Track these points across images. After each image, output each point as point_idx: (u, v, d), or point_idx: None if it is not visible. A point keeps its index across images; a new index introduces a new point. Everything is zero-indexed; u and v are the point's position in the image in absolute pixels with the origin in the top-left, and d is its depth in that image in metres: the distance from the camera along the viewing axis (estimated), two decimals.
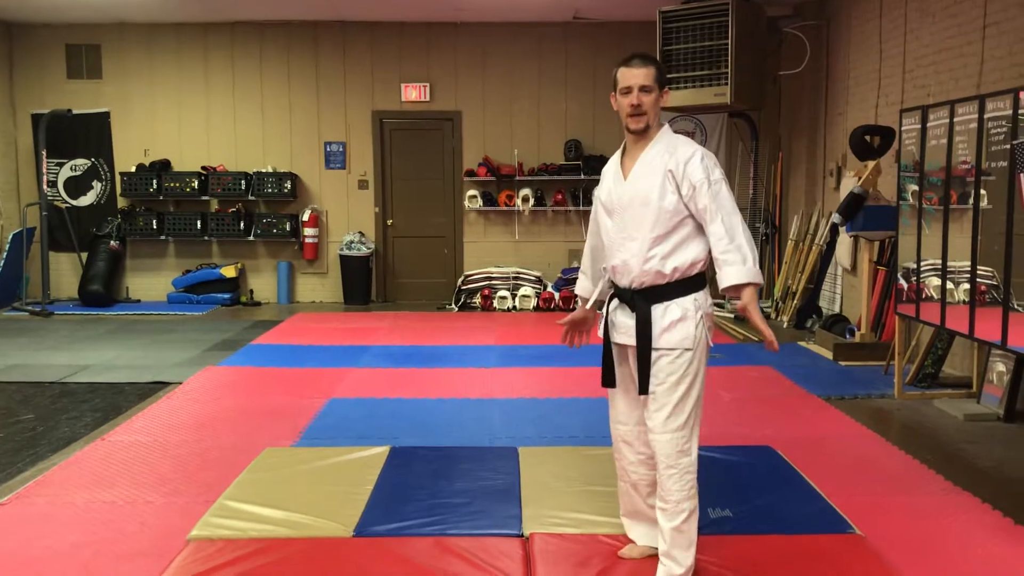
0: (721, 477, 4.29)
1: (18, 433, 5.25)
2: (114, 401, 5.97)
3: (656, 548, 3.26)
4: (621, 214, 3.18)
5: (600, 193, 3.34)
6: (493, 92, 10.67)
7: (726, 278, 3.01)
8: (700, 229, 3.11)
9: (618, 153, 3.30)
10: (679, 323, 3.08)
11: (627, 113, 3.16)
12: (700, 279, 3.15)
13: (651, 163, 3.13)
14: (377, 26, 10.54)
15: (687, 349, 3.08)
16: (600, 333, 3.32)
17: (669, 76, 8.71)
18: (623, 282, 3.19)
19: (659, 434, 3.11)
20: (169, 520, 3.81)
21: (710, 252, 3.08)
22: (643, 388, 3.13)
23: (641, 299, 3.13)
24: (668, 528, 3.13)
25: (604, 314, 3.29)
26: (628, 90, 3.14)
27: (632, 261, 3.13)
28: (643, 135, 3.18)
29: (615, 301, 3.24)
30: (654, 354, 3.10)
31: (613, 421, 3.38)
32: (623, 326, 3.20)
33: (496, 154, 10.65)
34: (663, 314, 3.10)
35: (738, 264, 2.99)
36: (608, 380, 3.31)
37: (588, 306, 3.48)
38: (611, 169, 3.30)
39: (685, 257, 3.10)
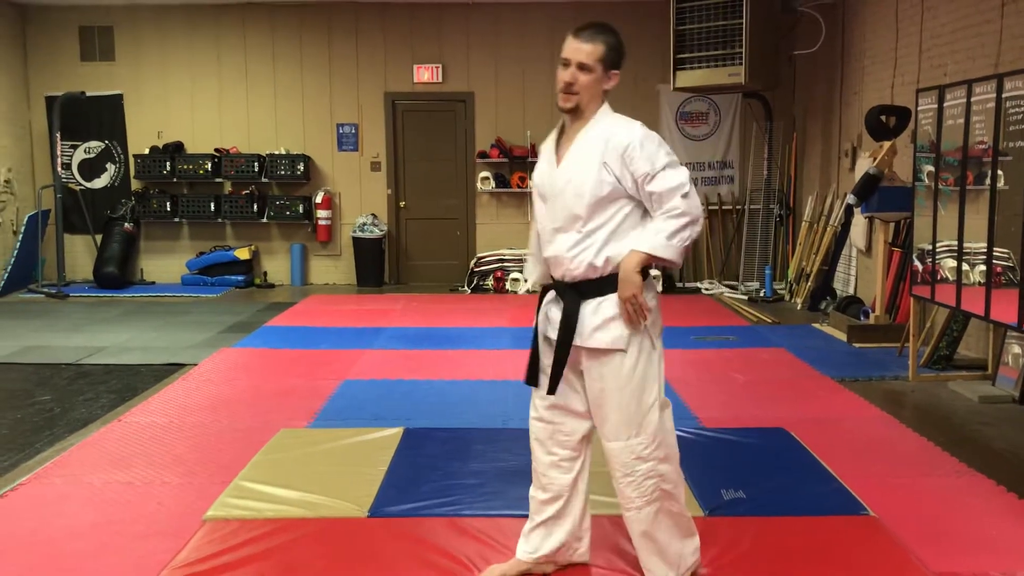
0: (734, 459, 4.30)
1: (36, 414, 5.30)
2: (130, 382, 6.01)
3: (525, 565, 3.13)
4: (552, 202, 2.90)
5: (535, 175, 3.04)
6: (505, 73, 10.63)
7: (637, 244, 2.79)
8: (639, 217, 2.85)
9: (555, 132, 3.00)
10: (612, 321, 2.82)
11: (559, 88, 2.88)
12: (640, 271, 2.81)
13: (586, 150, 2.83)
14: (389, 7, 10.50)
15: (621, 350, 2.83)
16: (535, 323, 3.02)
17: (682, 56, 8.66)
18: (556, 274, 2.93)
19: (611, 442, 2.90)
20: (185, 500, 3.84)
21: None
22: (552, 388, 2.92)
23: (573, 293, 2.86)
24: (636, 537, 3.00)
25: (538, 305, 3.02)
26: (566, 63, 2.84)
27: (562, 254, 2.86)
28: (576, 115, 2.89)
29: (551, 293, 2.97)
30: (587, 355, 2.87)
31: (531, 417, 3.10)
32: (553, 320, 2.92)
33: (508, 135, 10.62)
34: (595, 310, 2.83)
35: (651, 235, 2.77)
36: (532, 378, 3.01)
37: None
38: (547, 150, 3.00)
39: (620, 248, 2.81)
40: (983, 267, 5.06)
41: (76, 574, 3.20)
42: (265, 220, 10.69)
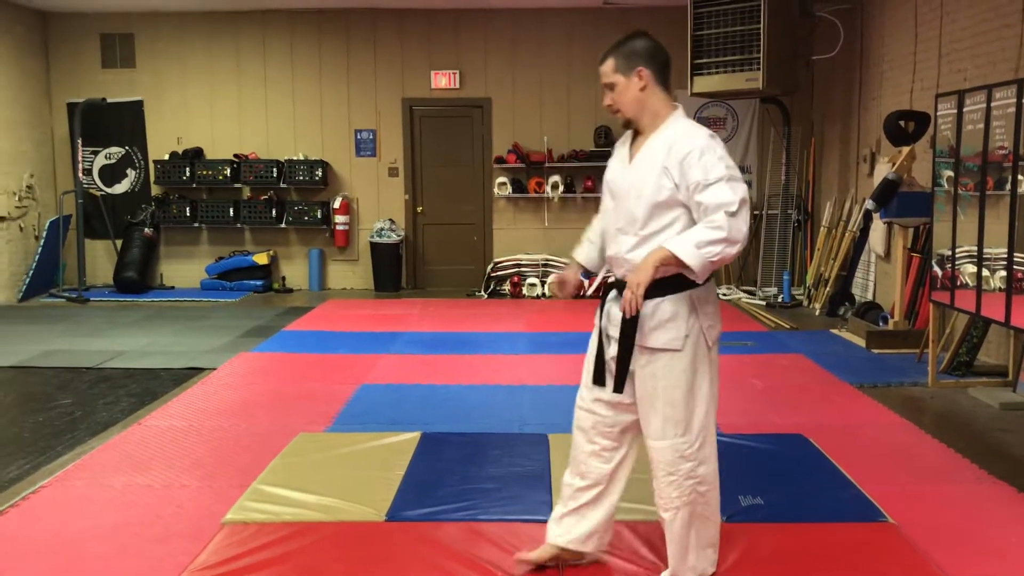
0: (753, 465, 4.29)
1: (57, 417, 5.35)
2: (150, 386, 6.06)
3: (555, 549, 3.20)
4: (619, 202, 3.00)
5: (607, 171, 3.14)
6: (523, 79, 10.65)
7: (666, 241, 2.82)
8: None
9: (629, 134, 3.10)
10: (669, 322, 2.88)
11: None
12: None
13: (651, 155, 2.91)
14: (407, 13, 10.55)
15: (676, 350, 2.88)
16: (596, 321, 3.10)
17: (699, 62, 8.65)
18: (618, 273, 3.03)
19: (655, 440, 2.94)
20: (204, 503, 3.86)
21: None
22: (618, 386, 2.96)
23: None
24: (668, 534, 3.03)
25: (600, 304, 3.10)
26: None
27: (623, 255, 2.96)
28: (639, 124, 2.98)
29: (613, 292, 3.04)
30: (643, 354, 2.92)
31: (576, 404, 3.18)
32: (615, 318, 2.97)
33: (525, 141, 10.63)
34: (653, 311, 2.88)
35: (681, 239, 2.78)
36: (599, 378, 3.06)
37: (573, 265, 3.31)
38: (621, 149, 3.10)
39: None
40: (1003, 273, 5.02)
41: (97, 575, 3.23)
42: (283, 225, 10.75)
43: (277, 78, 10.73)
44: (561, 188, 10.49)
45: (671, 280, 2.86)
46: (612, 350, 2.98)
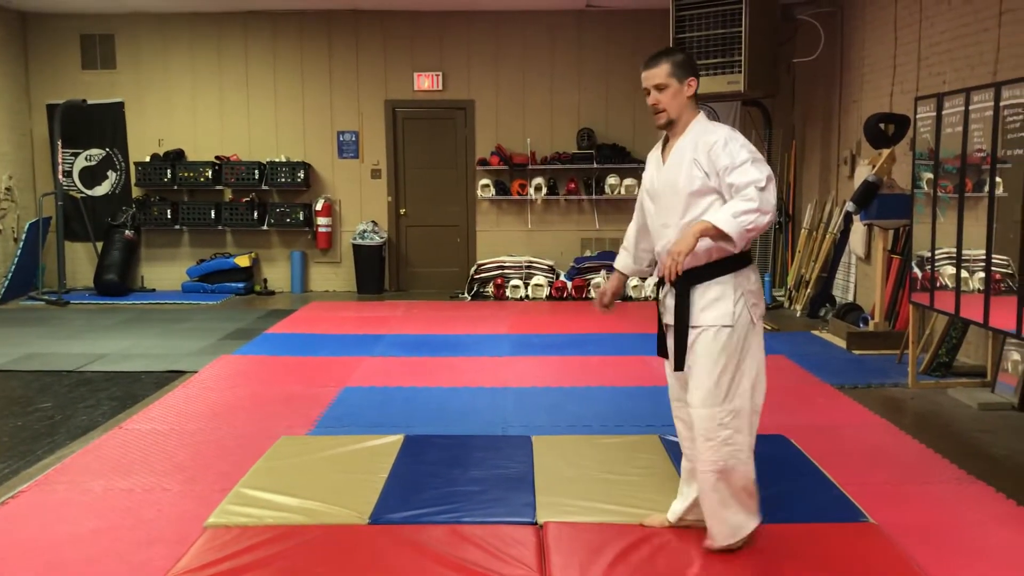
0: None
1: (37, 421, 5.30)
2: (131, 390, 6.02)
3: (671, 522, 3.54)
4: (658, 201, 3.34)
5: (644, 178, 3.49)
6: (506, 81, 10.66)
7: (706, 214, 3.12)
8: None
9: (660, 142, 3.42)
10: (717, 302, 3.20)
11: (651, 113, 3.33)
12: (741, 258, 3.22)
13: (681, 153, 3.25)
14: (390, 15, 10.53)
15: (725, 326, 3.17)
16: (658, 312, 3.45)
17: None
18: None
19: (696, 408, 3.23)
20: (186, 507, 3.85)
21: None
22: (679, 365, 3.28)
23: (682, 281, 3.21)
24: (704, 499, 3.30)
25: (657, 297, 3.45)
26: (647, 91, 3.30)
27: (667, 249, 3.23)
28: (674, 127, 3.30)
29: (665, 285, 3.34)
30: (692, 332, 3.22)
31: (670, 397, 3.52)
32: (670, 308, 3.31)
33: (509, 143, 10.64)
34: (703, 294, 3.21)
35: (719, 211, 3.07)
36: (663, 351, 3.43)
37: (615, 277, 3.70)
38: (654, 155, 3.43)
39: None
40: (982, 274, 5.07)
41: None
42: (265, 227, 10.71)
43: (259, 80, 10.69)
44: (544, 190, 10.50)
45: (715, 266, 3.20)
46: (670, 336, 3.33)
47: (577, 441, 4.72)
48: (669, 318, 3.33)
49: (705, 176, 3.16)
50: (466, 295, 10.32)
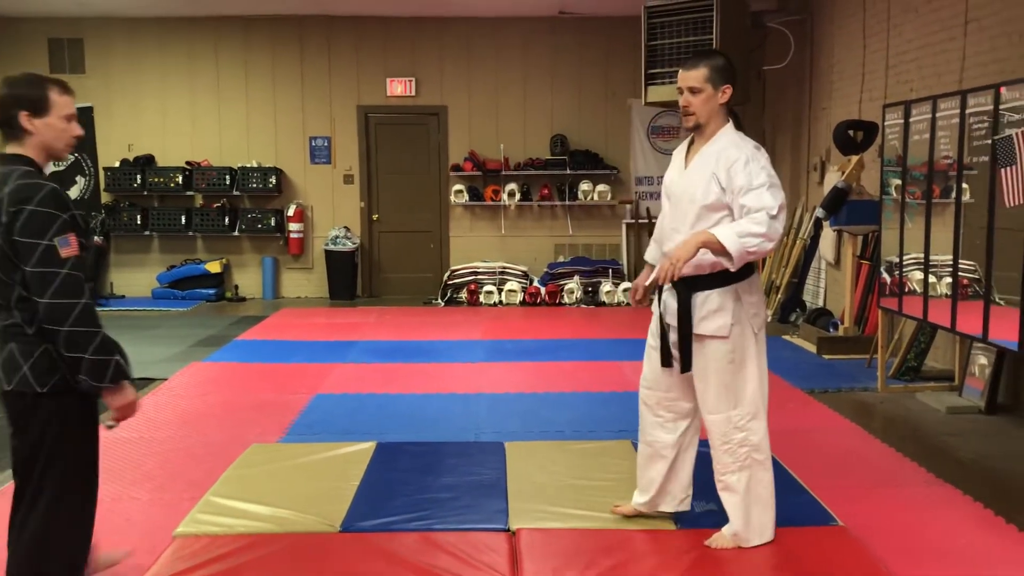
0: (707, 471, 4.29)
1: (1, 430, 5.21)
2: None
3: (640, 509, 3.64)
4: (675, 203, 3.39)
5: (665, 177, 3.55)
6: (479, 86, 10.67)
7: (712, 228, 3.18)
8: None
9: (686, 142, 3.47)
10: (716, 313, 3.27)
11: (681, 113, 3.36)
12: (743, 271, 3.25)
13: (703, 162, 3.28)
14: (363, 20, 10.51)
15: (724, 337, 3.26)
16: (654, 309, 3.50)
17: (653, 71, 8.73)
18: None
19: (711, 414, 3.33)
20: (155, 517, 3.81)
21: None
22: (685, 367, 3.35)
23: (683, 287, 3.29)
24: (728, 500, 3.39)
25: (658, 296, 3.48)
26: (680, 92, 3.32)
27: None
28: (701, 131, 3.33)
29: (667, 285, 3.37)
30: (697, 340, 3.30)
31: (641, 384, 3.59)
32: (671, 309, 3.37)
33: (482, 148, 10.65)
34: (702, 303, 3.28)
35: (726, 227, 3.12)
36: (666, 360, 3.44)
37: (646, 270, 3.71)
38: (678, 157, 3.48)
39: None
40: (949, 279, 5.14)
41: None
42: (236, 233, 10.63)
43: (230, 85, 10.62)
44: (518, 196, 10.51)
45: (716, 276, 3.25)
46: (672, 336, 3.38)
47: (550, 447, 4.72)
48: (669, 318, 3.39)
49: (721, 191, 3.20)
50: (439, 301, 10.30)
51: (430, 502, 3.91)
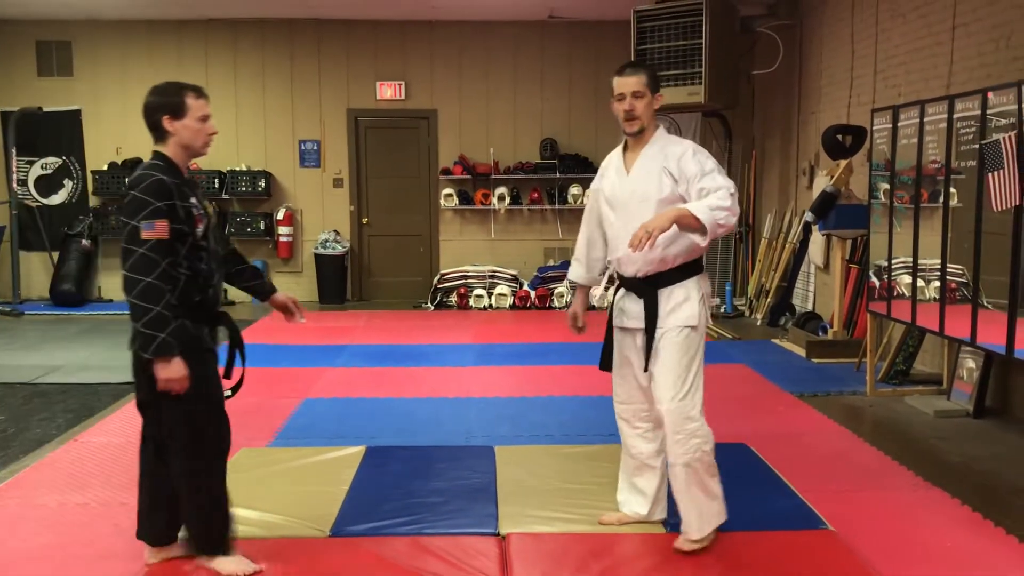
0: None
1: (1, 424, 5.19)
2: (87, 402, 5.92)
3: (632, 516, 3.67)
4: (623, 208, 3.43)
5: (603, 186, 3.58)
6: (469, 90, 10.67)
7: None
8: None
9: (619, 149, 3.56)
10: (683, 304, 3.37)
11: (622, 118, 3.43)
12: (699, 263, 3.43)
13: (648, 163, 3.39)
14: (352, 24, 10.50)
15: (690, 327, 3.35)
16: (607, 319, 3.57)
17: None
18: (628, 271, 3.45)
19: (666, 403, 3.35)
20: None
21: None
22: (646, 366, 3.39)
23: (647, 286, 3.38)
24: (677, 491, 3.42)
25: (611, 302, 3.57)
26: (622, 97, 3.41)
27: (636, 253, 3.26)
28: (640, 136, 3.44)
29: (622, 290, 3.50)
30: (659, 333, 3.35)
31: (615, 401, 3.66)
32: (631, 312, 3.44)
33: (472, 152, 10.65)
34: (668, 298, 3.36)
35: (701, 203, 3.19)
36: (606, 365, 3.59)
37: (578, 295, 3.82)
38: (613, 163, 3.56)
39: (684, 243, 3.32)
40: (937, 283, 5.16)
41: None
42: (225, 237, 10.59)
43: (219, 88, 10.57)
44: (508, 200, 10.52)
45: (678, 271, 3.36)
46: (637, 339, 3.44)
47: (539, 451, 4.72)
48: (630, 323, 3.46)
49: (674, 183, 3.31)
50: (429, 305, 10.29)
51: (420, 506, 3.90)
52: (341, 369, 6.86)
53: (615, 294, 3.58)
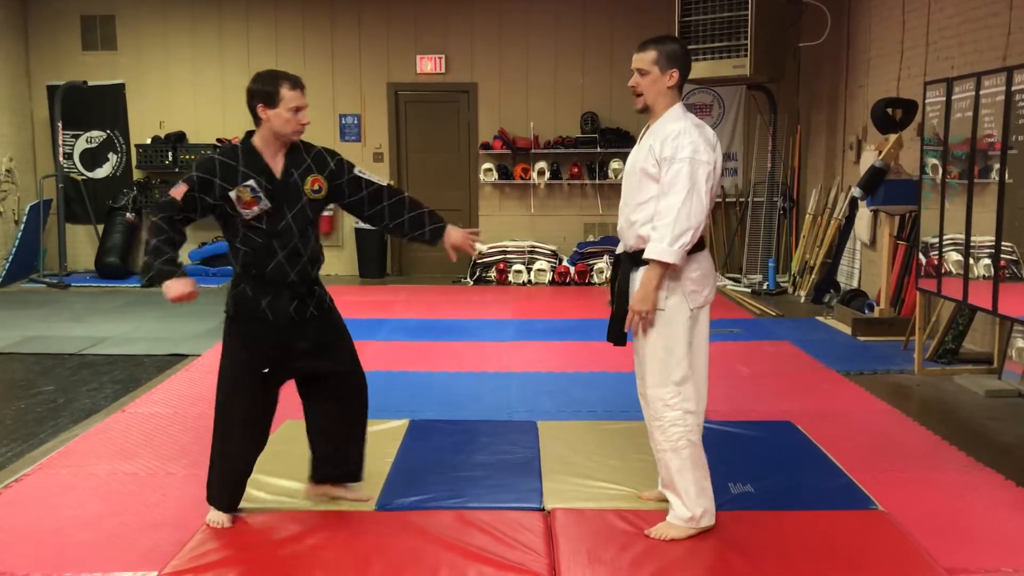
0: (742, 452, 4.29)
1: (39, 404, 5.28)
2: (133, 373, 6.00)
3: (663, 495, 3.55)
4: (627, 180, 3.45)
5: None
6: (509, 64, 10.59)
7: (646, 252, 3.19)
8: None
9: (647, 125, 3.48)
10: None
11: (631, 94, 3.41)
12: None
13: (649, 138, 3.34)
14: None
15: (659, 310, 3.25)
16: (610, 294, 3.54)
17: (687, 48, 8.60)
18: (620, 247, 3.46)
19: (647, 389, 3.35)
20: (191, 491, 3.82)
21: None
22: (615, 340, 3.40)
23: (629, 261, 3.34)
24: (662, 477, 3.42)
25: (613, 277, 3.54)
26: (632, 73, 3.36)
27: (624, 226, 3.36)
28: (652, 112, 3.36)
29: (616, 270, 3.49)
30: (631, 314, 3.29)
31: (636, 375, 3.57)
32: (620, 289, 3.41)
33: (512, 127, 10.58)
34: (638, 279, 3.28)
35: (655, 242, 3.15)
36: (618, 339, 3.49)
37: None
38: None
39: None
40: (989, 261, 5.04)
41: (83, 565, 3.18)
42: None
43: (261, 62, 10.58)
44: (547, 175, 10.45)
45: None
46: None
47: (582, 427, 4.70)
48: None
49: (656, 162, 3.24)
50: (468, 280, 10.29)
51: (464, 480, 3.91)
52: (382, 343, 6.88)
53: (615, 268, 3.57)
